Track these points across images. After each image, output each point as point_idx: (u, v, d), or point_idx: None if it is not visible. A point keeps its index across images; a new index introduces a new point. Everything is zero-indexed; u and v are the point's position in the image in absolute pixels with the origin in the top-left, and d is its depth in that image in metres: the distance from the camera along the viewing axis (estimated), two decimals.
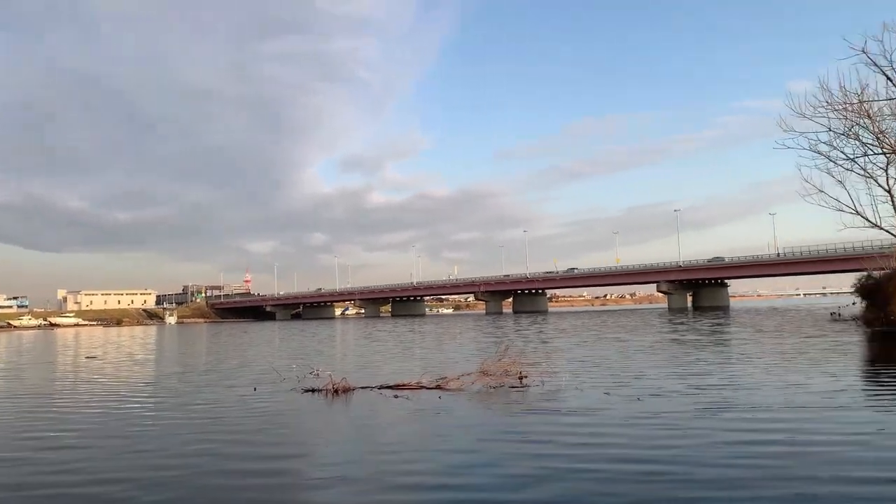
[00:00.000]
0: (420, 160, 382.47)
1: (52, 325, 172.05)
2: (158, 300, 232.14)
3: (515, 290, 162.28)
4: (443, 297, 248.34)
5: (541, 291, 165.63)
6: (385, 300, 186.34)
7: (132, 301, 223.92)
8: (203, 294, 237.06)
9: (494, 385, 18.41)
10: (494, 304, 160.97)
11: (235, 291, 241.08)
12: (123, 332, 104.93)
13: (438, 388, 18.30)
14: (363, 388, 18.84)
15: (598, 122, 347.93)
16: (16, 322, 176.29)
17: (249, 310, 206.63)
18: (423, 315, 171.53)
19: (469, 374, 19.13)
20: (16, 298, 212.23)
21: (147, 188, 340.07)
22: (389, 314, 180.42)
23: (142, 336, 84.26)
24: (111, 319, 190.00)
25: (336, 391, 18.28)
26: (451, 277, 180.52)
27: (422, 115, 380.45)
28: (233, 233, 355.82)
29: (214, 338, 71.45)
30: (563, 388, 17.74)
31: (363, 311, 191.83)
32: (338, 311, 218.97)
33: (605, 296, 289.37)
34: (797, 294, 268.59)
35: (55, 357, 43.33)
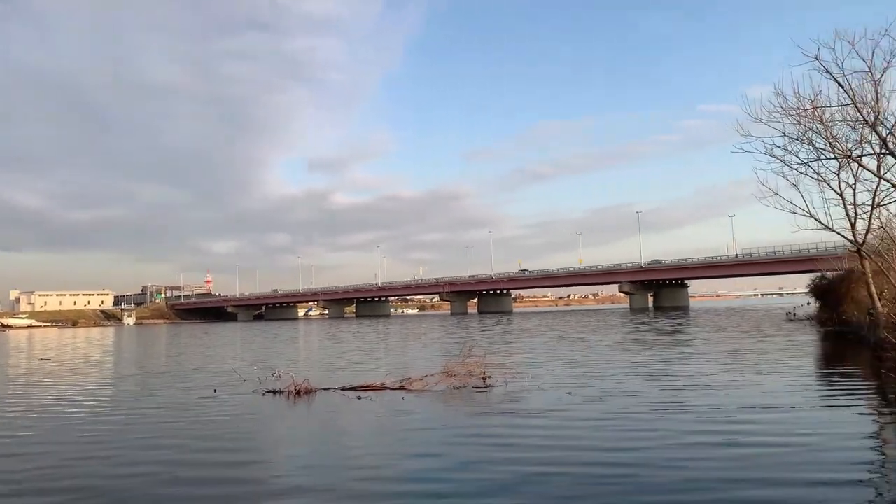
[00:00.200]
0: (386, 161, 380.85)
1: (4, 327, 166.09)
2: (116, 301, 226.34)
3: (480, 291, 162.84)
4: (408, 298, 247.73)
5: (505, 292, 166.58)
6: (349, 301, 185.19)
7: (89, 302, 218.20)
8: (163, 295, 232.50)
9: (458, 385, 18.40)
10: (459, 305, 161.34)
11: (196, 292, 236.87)
12: (79, 334, 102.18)
13: (402, 389, 18.21)
14: (325, 390, 18.65)
15: (563, 125, 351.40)
16: None
17: (210, 311, 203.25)
18: (388, 316, 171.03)
19: (433, 375, 19.08)
20: None
21: (106, 187, 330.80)
22: (354, 315, 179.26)
23: (99, 338, 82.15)
24: (66, 321, 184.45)
25: (298, 393, 18.06)
26: (417, 278, 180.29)
27: (388, 116, 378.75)
28: (194, 233, 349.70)
29: (174, 339, 70.04)
30: (527, 389, 17.83)
31: (327, 312, 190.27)
32: (301, 312, 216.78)
33: (569, 296, 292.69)
34: (755, 294, 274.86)
35: (6, 359, 41.87)
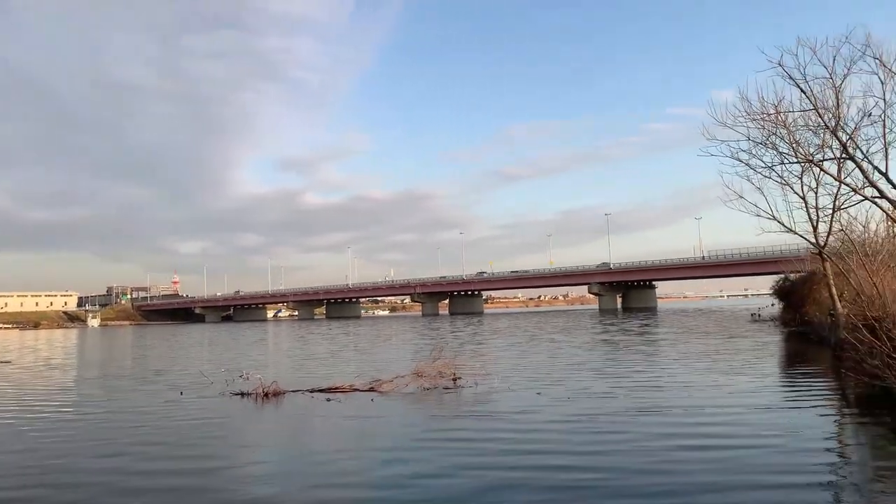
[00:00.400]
0: (357, 162, 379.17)
1: None
2: (81, 302, 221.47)
3: (452, 292, 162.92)
4: (379, 299, 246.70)
5: (477, 293, 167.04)
6: (319, 302, 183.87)
7: (51, 303, 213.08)
8: (128, 296, 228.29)
9: (428, 387, 18.36)
10: (431, 306, 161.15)
11: (163, 293, 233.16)
12: (41, 336, 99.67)
13: (372, 391, 18.11)
14: (294, 392, 18.47)
15: (535, 126, 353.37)
16: None
17: (178, 312, 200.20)
18: (359, 317, 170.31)
19: (403, 376, 19.02)
20: None
21: (70, 186, 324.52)
22: (324, 316, 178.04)
23: (61, 340, 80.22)
24: (28, 322, 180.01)
25: (266, 395, 17.85)
26: (388, 279, 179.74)
27: (361, 116, 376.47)
28: (161, 233, 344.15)
29: (139, 341, 68.72)
30: (496, 390, 17.83)
31: (296, 314, 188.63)
32: (270, 314, 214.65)
33: (539, 297, 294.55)
34: (721, 296, 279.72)
35: None
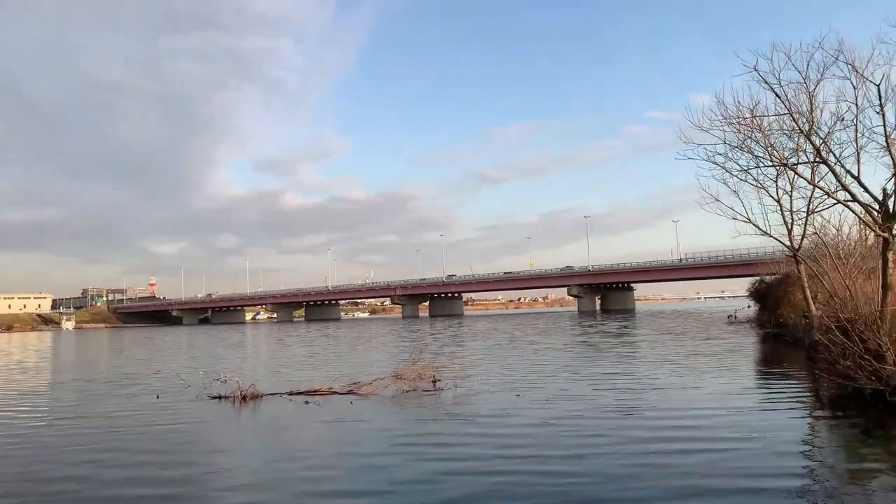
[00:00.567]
0: (337, 163, 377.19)
1: None
2: (55, 304, 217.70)
3: (432, 294, 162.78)
4: (359, 301, 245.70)
5: (457, 295, 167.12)
6: (298, 304, 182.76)
7: (25, 305, 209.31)
8: (104, 298, 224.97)
9: (408, 389, 18.32)
10: (411, 308, 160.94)
11: (140, 295, 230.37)
12: (14, 339, 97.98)
13: (351, 394, 18.05)
14: (272, 395, 18.35)
15: (515, 129, 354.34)
16: None
17: (155, 314, 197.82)
18: (339, 319, 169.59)
19: (382, 379, 18.95)
20: None
21: (47, 186, 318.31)
22: (303, 318, 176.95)
23: (35, 343, 78.92)
24: (0, 325, 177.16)
25: (244, 398, 17.72)
26: (368, 281, 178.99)
27: (341, 117, 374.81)
28: (138, 234, 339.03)
29: (115, 343, 67.80)
30: (476, 392, 17.87)
31: (275, 316, 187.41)
32: (249, 316, 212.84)
33: (519, 299, 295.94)
34: (698, 298, 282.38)
35: None
